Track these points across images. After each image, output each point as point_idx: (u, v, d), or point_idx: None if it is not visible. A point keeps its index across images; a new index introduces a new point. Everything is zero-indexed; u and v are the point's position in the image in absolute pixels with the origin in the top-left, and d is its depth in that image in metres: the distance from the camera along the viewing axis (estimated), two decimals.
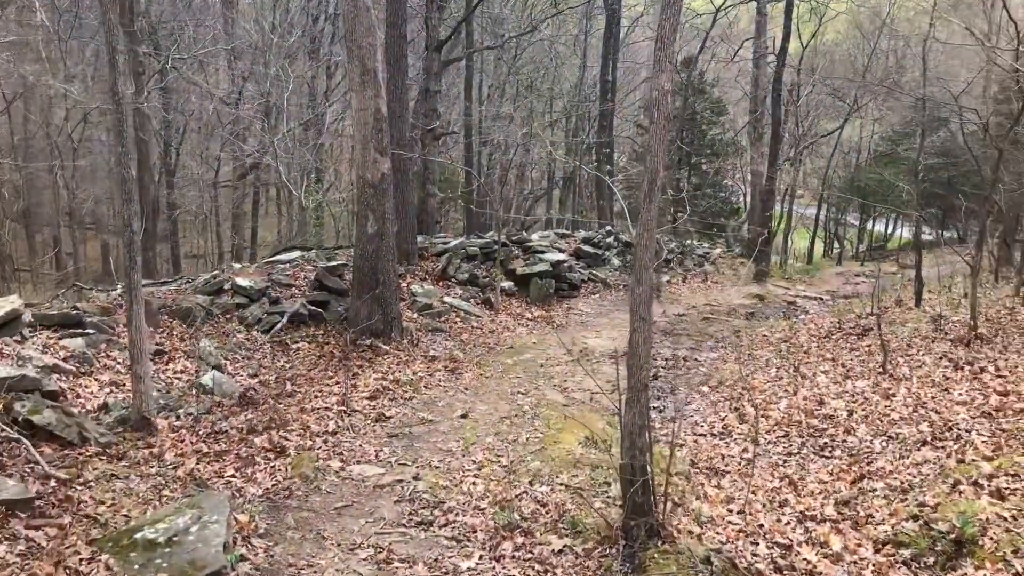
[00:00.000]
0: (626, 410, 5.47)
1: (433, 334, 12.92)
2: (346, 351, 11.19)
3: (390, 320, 12.01)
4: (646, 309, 5.33)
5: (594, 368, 11.44)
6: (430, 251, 16.16)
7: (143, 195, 27.42)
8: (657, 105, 4.81)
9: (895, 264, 27.75)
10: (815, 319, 15.76)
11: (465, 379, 10.36)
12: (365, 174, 11.72)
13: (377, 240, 11.82)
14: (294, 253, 14.47)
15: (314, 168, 25.76)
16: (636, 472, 5.31)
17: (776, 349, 12.93)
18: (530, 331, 14.21)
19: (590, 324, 15.18)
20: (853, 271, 25.80)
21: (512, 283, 16.08)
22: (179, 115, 30.11)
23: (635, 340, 5.27)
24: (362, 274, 11.92)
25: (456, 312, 14.18)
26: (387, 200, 11.89)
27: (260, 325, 11.59)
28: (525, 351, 12.40)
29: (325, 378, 10.11)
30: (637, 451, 5.34)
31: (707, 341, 14.19)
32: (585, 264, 18.28)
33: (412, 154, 15.24)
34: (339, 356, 11.09)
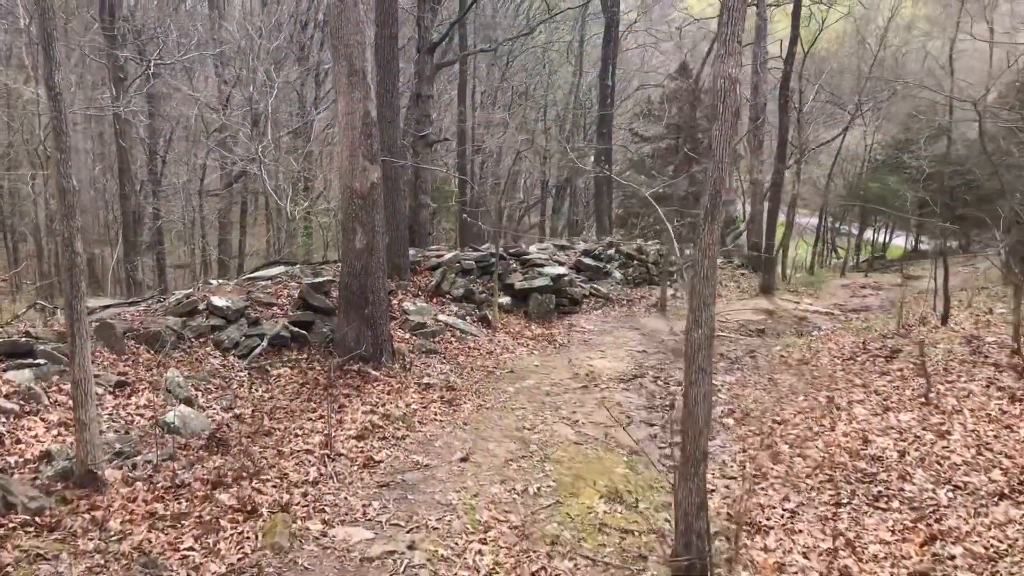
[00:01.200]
0: (680, 485, 4.35)
1: (427, 357, 11.78)
2: (331, 379, 10.04)
3: (380, 343, 10.87)
4: (706, 357, 4.21)
5: (603, 395, 10.32)
6: (423, 265, 15.03)
7: (124, 204, 26.27)
8: (723, 96, 3.73)
9: (899, 275, 26.74)
10: (831, 337, 14.68)
11: (464, 411, 9.22)
12: (353, 183, 10.59)
13: (366, 255, 10.69)
14: (277, 268, 13.31)
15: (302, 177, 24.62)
16: (695, 572, 4.16)
17: (797, 372, 11.86)
18: (531, 351, 13.08)
19: (594, 343, 14.06)
20: (858, 283, 24.77)
21: (510, 298, 14.96)
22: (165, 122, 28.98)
23: (692, 397, 4.16)
24: (350, 292, 10.78)
25: (451, 331, 13.05)
26: (377, 212, 10.76)
27: (237, 349, 10.43)
28: (527, 375, 11.27)
29: (308, 411, 8.96)
30: (694, 538, 4.20)
31: (720, 362, 13.09)
32: (586, 278, 17.18)
33: (403, 162, 14.13)
34: (324, 384, 9.94)
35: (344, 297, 10.87)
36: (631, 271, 18.74)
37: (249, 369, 10.12)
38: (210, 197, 31.39)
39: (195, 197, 29.81)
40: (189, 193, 29.70)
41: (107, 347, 9.42)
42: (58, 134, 5.51)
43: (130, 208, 25.60)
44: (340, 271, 11.15)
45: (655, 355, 13.45)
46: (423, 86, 16.35)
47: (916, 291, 21.59)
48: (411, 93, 16.60)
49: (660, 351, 13.75)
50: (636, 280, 18.73)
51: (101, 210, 35.87)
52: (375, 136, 10.65)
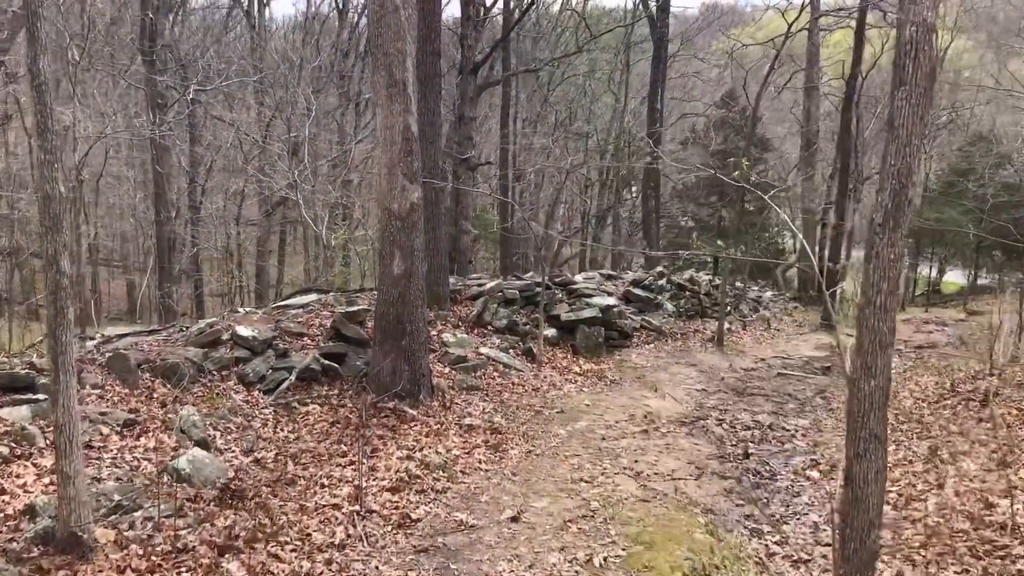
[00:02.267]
0: None
1: (468, 393, 10.71)
2: (363, 418, 9.01)
3: (418, 378, 9.83)
4: (880, 420, 3.06)
5: (667, 441, 9.15)
6: (463, 294, 14.02)
7: (159, 230, 25.72)
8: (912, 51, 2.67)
9: (961, 310, 25.20)
10: (910, 377, 13.36)
11: (511, 458, 8.10)
12: (391, 204, 9.63)
13: (404, 281, 9.69)
14: (310, 296, 12.37)
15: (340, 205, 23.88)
16: None
17: None
18: (580, 389, 11.95)
19: (648, 380, 12.89)
20: (920, 318, 23.31)
21: (556, 331, 13.86)
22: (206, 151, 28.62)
23: (860, 475, 3.02)
24: (386, 322, 9.77)
25: (494, 365, 11.97)
26: (416, 235, 9.78)
27: (263, 384, 9.46)
28: (579, 416, 10.14)
29: (337, 455, 7.92)
30: None
31: (789, 403, 11.86)
32: (636, 309, 16.03)
33: (445, 183, 13.19)
34: (356, 423, 8.91)
35: (380, 327, 9.87)
36: (683, 303, 17.56)
37: (275, 406, 9.13)
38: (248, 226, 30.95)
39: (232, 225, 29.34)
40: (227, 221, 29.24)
41: (119, 380, 8.50)
42: (42, 131, 4.58)
43: (165, 235, 25.05)
44: (376, 299, 10.16)
45: (716, 394, 12.26)
46: (466, 107, 15.46)
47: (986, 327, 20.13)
48: (453, 116, 15.70)
49: (721, 390, 12.55)
50: (688, 312, 17.54)
51: (140, 237, 35.60)
52: (416, 153, 9.69)
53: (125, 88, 27.51)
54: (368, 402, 9.56)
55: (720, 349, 15.32)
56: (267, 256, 31.79)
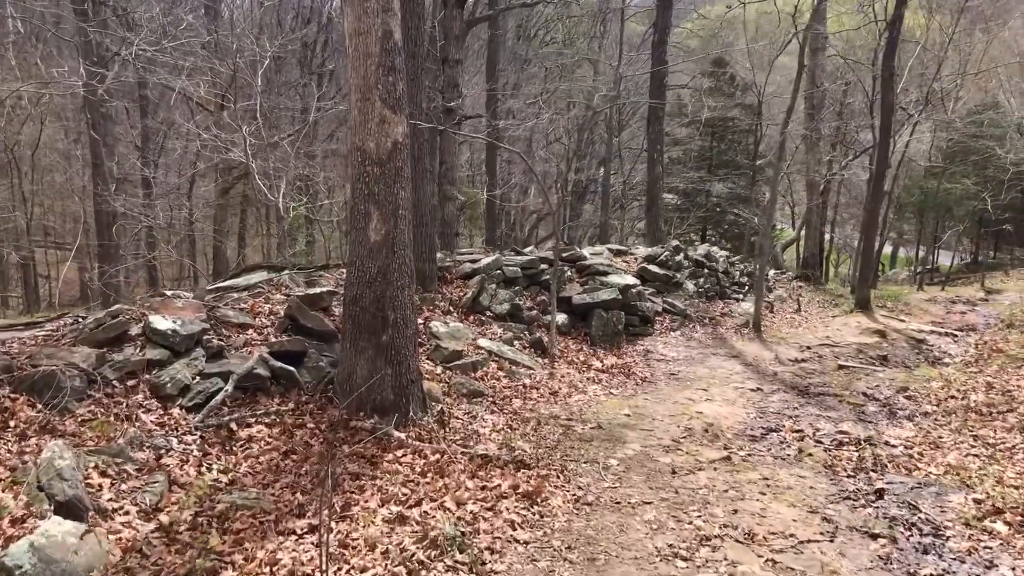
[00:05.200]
0: None
1: (469, 402, 7.91)
2: (331, 446, 6.18)
3: (406, 385, 7.00)
4: None
5: (759, 473, 6.41)
6: (454, 272, 11.15)
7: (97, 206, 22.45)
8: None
9: (979, 288, 22.89)
10: (1001, 369, 10.83)
11: (556, 515, 5.27)
12: (366, 142, 6.74)
13: (386, 252, 6.83)
14: (257, 275, 9.40)
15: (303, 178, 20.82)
16: None
17: (999, 421, 8.00)
18: (607, 391, 9.20)
19: (685, 377, 10.18)
20: (942, 297, 20.89)
21: (566, 316, 11.08)
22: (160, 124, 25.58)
23: None
24: (360, 308, 6.91)
25: (497, 362, 9.17)
26: (401, 186, 6.91)
27: (187, 398, 6.54)
28: (623, 433, 7.37)
29: (292, 512, 5.08)
30: None
31: (869, 406, 9.22)
32: (654, 290, 13.29)
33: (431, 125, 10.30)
34: (319, 454, 6.08)
35: (351, 316, 6.99)
36: (702, 281, 14.86)
37: (203, 429, 6.23)
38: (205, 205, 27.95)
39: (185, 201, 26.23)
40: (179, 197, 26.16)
41: None
42: None
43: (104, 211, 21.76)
44: (346, 276, 7.26)
45: (775, 395, 9.58)
46: (450, 48, 12.53)
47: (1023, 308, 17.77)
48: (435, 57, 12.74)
49: (779, 389, 9.87)
50: (708, 293, 14.85)
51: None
52: (400, 71, 6.80)
53: (57, 45, 24.12)
54: (337, 420, 6.74)
55: (759, 336, 12.66)
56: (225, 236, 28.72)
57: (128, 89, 26.54)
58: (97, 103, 20.84)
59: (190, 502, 5.18)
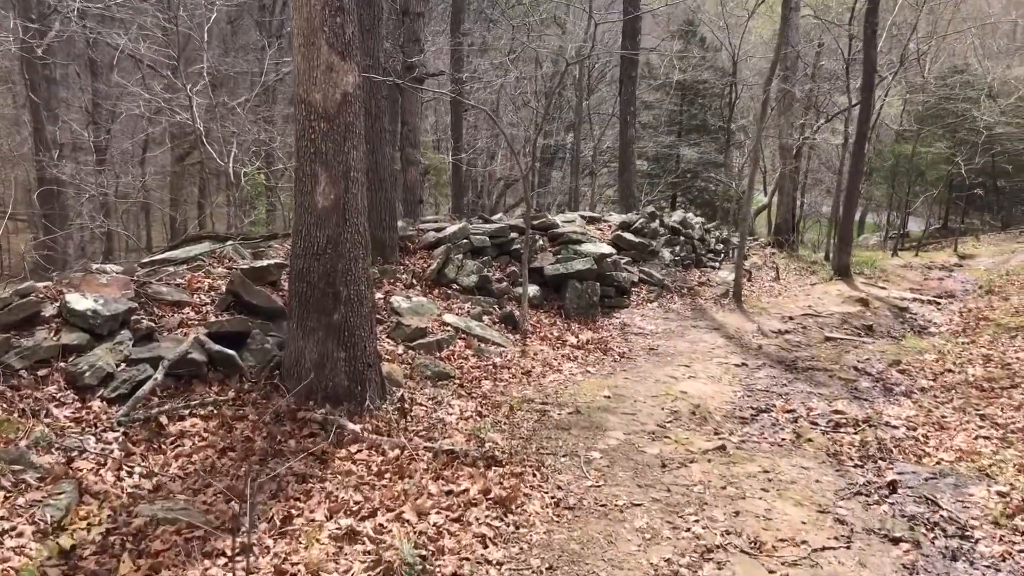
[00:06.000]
0: None
1: (435, 386, 7.13)
2: (276, 442, 5.38)
3: (361, 370, 6.19)
4: None
5: (759, 465, 5.72)
6: (417, 242, 10.30)
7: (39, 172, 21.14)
8: None
9: (952, 254, 22.54)
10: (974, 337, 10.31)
11: (534, 525, 4.50)
12: (312, 93, 5.85)
13: (336, 219, 5.98)
14: (199, 246, 8.46)
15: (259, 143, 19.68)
16: None
17: (1005, 398, 7.42)
18: (584, 369, 8.47)
19: (665, 352, 9.49)
20: (916, 263, 20.47)
21: (538, 288, 10.32)
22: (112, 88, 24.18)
23: None
24: (307, 284, 6.06)
25: (465, 339, 8.39)
26: (353, 145, 6.03)
27: (109, 388, 5.67)
28: (604, 419, 6.65)
29: (223, 527, 4.29)
30: None
31: (862, 381, 8.60)
32: (629, 259, 12.55)
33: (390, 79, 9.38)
34: (263, 454, 5.28)
35: (298, 292, 6.14)
36: (678, 249, 14.16)
37: (128, 425, 5.39)
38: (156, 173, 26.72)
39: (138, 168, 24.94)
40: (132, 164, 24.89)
41: None
42: None
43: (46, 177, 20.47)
44: (291, 248, 6.40)
45: (761, 370, 8.93)
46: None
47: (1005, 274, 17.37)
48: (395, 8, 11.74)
49: (765, 364, 9.22)
50: (684, 261, 14.16)
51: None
52: (349, 13, 5.90)
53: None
54: (283, 411, 5.93)
55: (739, 307, 12.01)
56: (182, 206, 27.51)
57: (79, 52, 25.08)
58: (38, 64, 19.48)
59: (103, 516, 4.36)
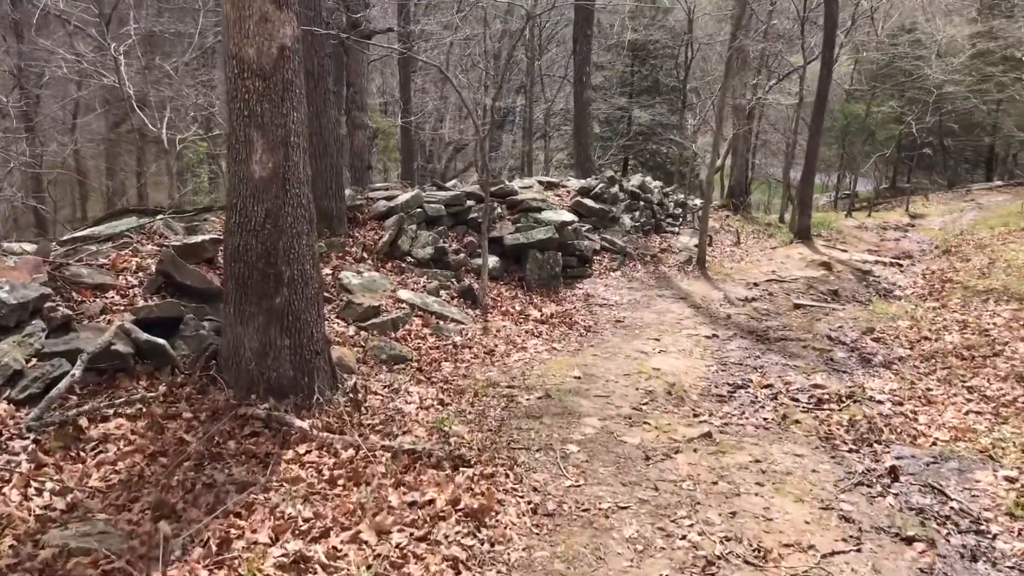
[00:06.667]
0: None
1: (391, 370, 6.52)
2: (213, 443, 4.74)
3: (309, 358, 5.54)
4: None
5: (750, 454, 5.25)
6: (366, 212, 9.59)
7: None
8: None
9: (903, 213, 22.53)
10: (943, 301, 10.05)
11: (510, 539, 3.92)
12: (244, 48, 5.11)
13: (275, 190, 5.28)
14: (125, 221, 7.65)
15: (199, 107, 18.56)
16: None
17: (990, 368, 7.09)
18: (550, 345, 7.93)
19: (633, 324, 8.99)
20: (873, 224, 20.35)
21: (498, 259, 9.72)
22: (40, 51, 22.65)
23: None
24: (245, 264, 5.36)
25: (422, 317, 7.77)
26: (292, 105, 5.32)
27: (18, 389, 4.94)
28: (576, 403, 6.11)
29: (148, 554, 3.65)
30: None
31: (836, 351, 8.22)
32: (590, 226, 12.00)
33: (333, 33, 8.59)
34: (199, 458, 4.64)
35: (235, 274, 5.44)
36: (637, 215, 13.66)
37: (40, 430, 4.69)
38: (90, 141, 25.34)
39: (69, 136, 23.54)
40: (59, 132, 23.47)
41: None
42: None
43: None
44: (225, 223, 5.67)
45: (733, 341, 8.51)
46: None
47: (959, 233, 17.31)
48: None
49: (736, 334, 8.80)
50: (644, 227, 13.67)
51: None
52: None
53: None
54: (221, 407, 5.27)
55: (704, 274, 11.58)
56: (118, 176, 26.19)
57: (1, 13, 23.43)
58: None
59: (3, 548, 3.68)
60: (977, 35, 23.39)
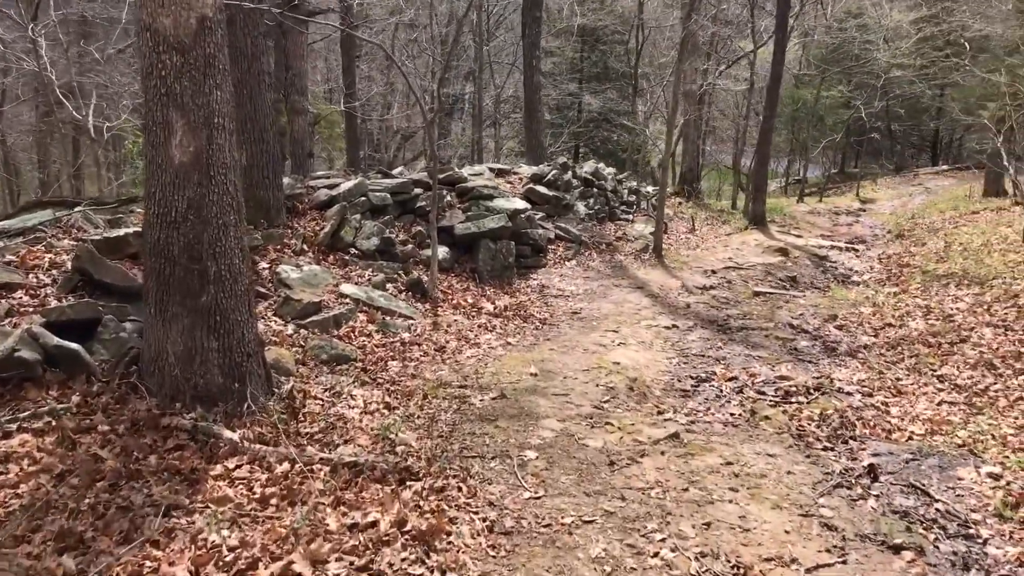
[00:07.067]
0: None
1: (332, 371, 6.03)
2: (133, 459, 4.22)
3: (240, 361, 5.03)
4: None
5: (720, 456, 4.91)
6: (307, 201, 9.03)
7: None
8: None
9: (854, 198, 22.60)
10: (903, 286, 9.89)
11: (462, 564, 3.50)
12: (158, 18, 4.56)
13: (198, 177, 4.75)
14: (40, 214, 7.00)
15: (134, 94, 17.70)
16: None
17: (958, 355, 6.88)
18: (504, 340, 7.50)
19: (590, 316, 8.62)
20: (825, 209, 20.32)
21: (448, 249, 9.26)
22: None
23: None
24: (166, 259, 4.83)
25: (367, 312, 7.29)
26: (215, 83, 4.78)
27: None
28: (534, 403, 5.70)
29: None
30: None
31: (800, 340, 7.96)
32: (544, 214, 11.60)
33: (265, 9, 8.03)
34: (116, 477, 4.13)
35: (155, 270, 4.90)
36: (591, 202, 13.29)
37: None
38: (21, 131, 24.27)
39: None
40: None
41: None
42: None
43: None
44: (143, 215, 5.12)
45: (693, 332, 8.19)
46: None
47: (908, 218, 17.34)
48: None
49: (696, 324, 8.49)
50: (599, 214, 13.32)
51: None
52: None
53: None
54: (143, 418, 4.75)
55: (661, 262, 11.26)
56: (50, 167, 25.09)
57: None
58: None
59: None
60: (922, 19, 23.51)
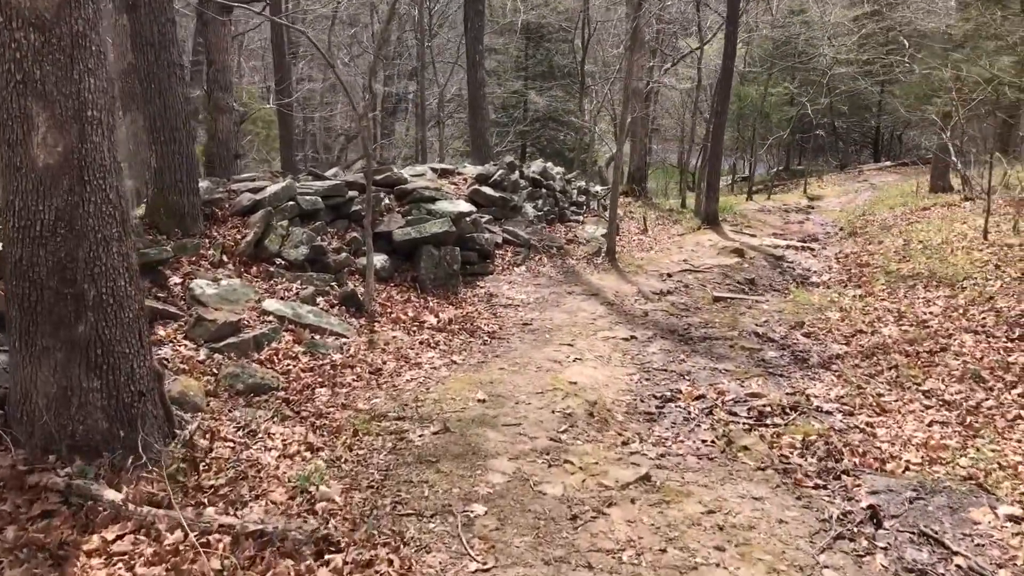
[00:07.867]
0: None
1: (249, 404, 5.19)
2: None
3: (128, 402, 4.16)
4: None
5: (702, 504, 4.21)
6: (228, 207, 8.11)
7: None
8: None
9: (802, 196, 22.33)
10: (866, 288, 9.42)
11: None
12: None
13: (68, 182, 3.87)
14: None
15: None
16: None
17: (940, 366, 6.33)
18: (448, 357, 6.73)
19: (542, 327, 7.89)
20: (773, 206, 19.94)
21: (386, 257, 8.44)
22: None
23: None
24: (32, 282, 3.94)
25: (294, 332, 6.43)
26: (89, 67, 3.91)
27: None
28: (481, 437, 4.93)
29: None
30: None
31: (767, 350, 7.35)
32: (491, 217, 10.84)
33: None
34: None
35: (19, 296, 4.00)
36: (540, 203, 12.58)
37: None
38: None
39: None
40: None
41: None
42: None
43: None
44: (3, 229, 4.22)
45: (652, 343, 7.53)
46: None
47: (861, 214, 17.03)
48: None
49: (657, 335, 7.82)
50: (548, 216, 12.62)
51: None
52: None
53: None
54: (7, 475, 3.88)
55: (615, 266, 10.60)
56: None
57: None
58: None
59: None
60: (864, 16, 23.39)
